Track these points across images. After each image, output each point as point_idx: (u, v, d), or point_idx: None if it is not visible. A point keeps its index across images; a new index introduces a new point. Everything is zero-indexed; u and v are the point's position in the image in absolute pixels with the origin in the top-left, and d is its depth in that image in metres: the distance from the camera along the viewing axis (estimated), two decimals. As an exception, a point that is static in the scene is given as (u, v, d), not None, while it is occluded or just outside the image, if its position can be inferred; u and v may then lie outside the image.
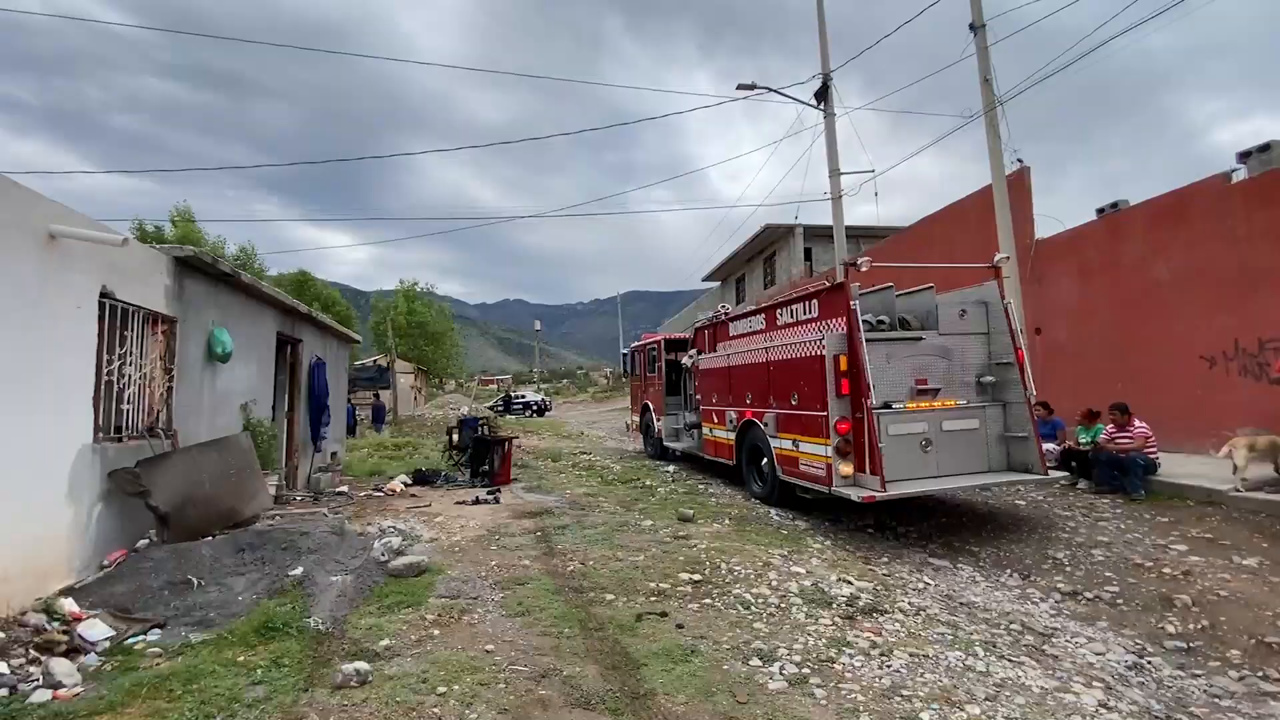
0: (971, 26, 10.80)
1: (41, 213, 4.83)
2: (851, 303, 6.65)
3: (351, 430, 24.26)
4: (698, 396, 11.06)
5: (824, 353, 6.82)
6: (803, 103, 14.21)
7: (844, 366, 6.70)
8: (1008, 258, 7.44)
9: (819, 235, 25.19)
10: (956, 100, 11.97)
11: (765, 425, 8.12)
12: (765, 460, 8.35)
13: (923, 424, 6.85)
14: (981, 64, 10.73)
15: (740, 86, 14.31)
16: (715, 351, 10.24)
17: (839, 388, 6.70)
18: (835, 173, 13.83)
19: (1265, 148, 8.94)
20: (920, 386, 6.95)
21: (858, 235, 22.27)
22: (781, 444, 7.84)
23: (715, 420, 10.03)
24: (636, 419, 15.53)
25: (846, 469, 6.69)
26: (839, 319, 6.92)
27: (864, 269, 6.82)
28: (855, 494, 6.40)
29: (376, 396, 28.32)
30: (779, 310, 8.36)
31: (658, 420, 13.57)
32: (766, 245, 29.07)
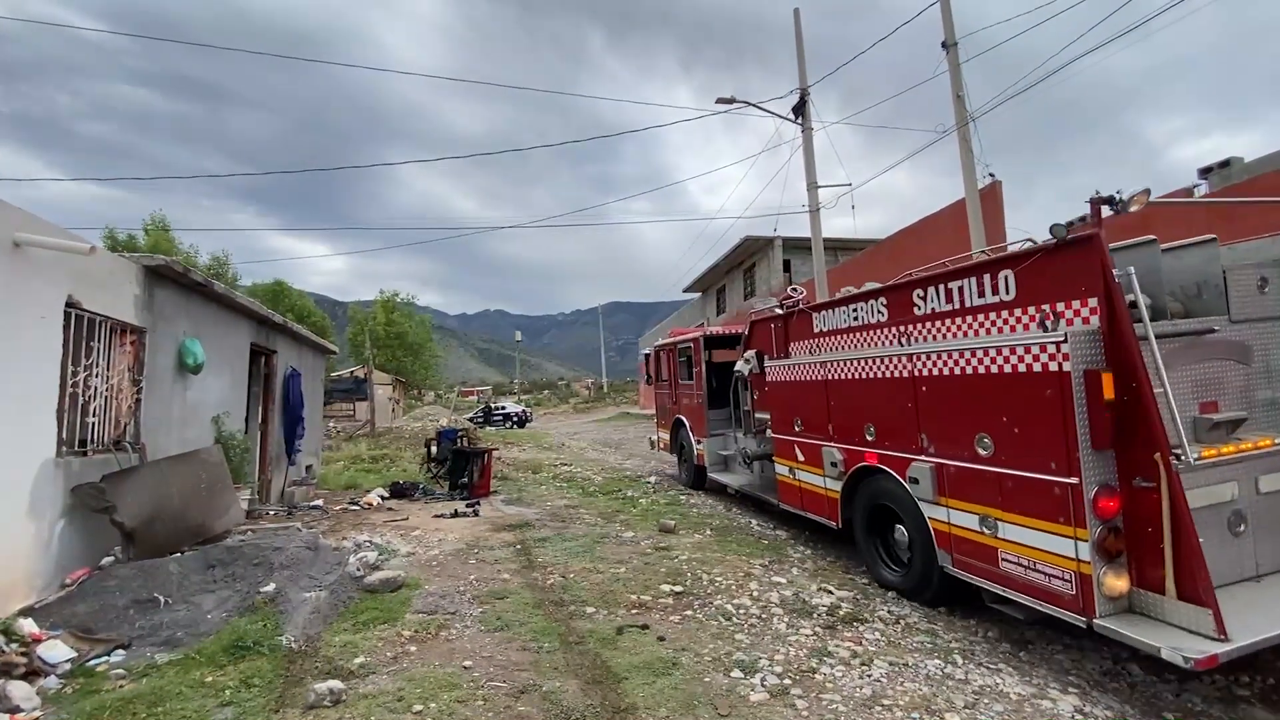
0: (944, 44, 11.05)
1: (5, 220, 4.71)
2: (1114, 274, 3.81)
3: None
4: (763, 417, 8.05)
5: (1061, 365, 3.83)
6: (781, 117, 14.41)
7: (1110, 393, 3.72)
8: None
9: (798, 247, 25.51)
10: (930, 116, 12.25)
11: (913, 482, 5.03)
12: (907, 534, 5.35)
13: (1230, 484, 3.97)
14: (954, 81, 10.98)
15: (720, 100, 14.47)
16: (789, 355, 7.15)
17: (1099, 431, 3.72)
18: (813, 186, 14.03)
19: (1225, 164, 9.26)
20: (1212, 416, 4.03)
21: (835, 247, 22.59)
22: (952, 518, 4.74)
23: (800, 458, 6.86)
24: (665, 436, 12.35)
25: (1119, 583, 3.72)
26: (1079, 302, 3.95)
27: (1134, 208, 3.98)
28: (1167, 648, 3.30)
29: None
30: (921, 291, 5.11)
31: (696, 442, 10.47)
32: (746, 257, 29.35)
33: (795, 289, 7.69)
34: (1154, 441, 3.60)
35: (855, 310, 5.96)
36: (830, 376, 6.27)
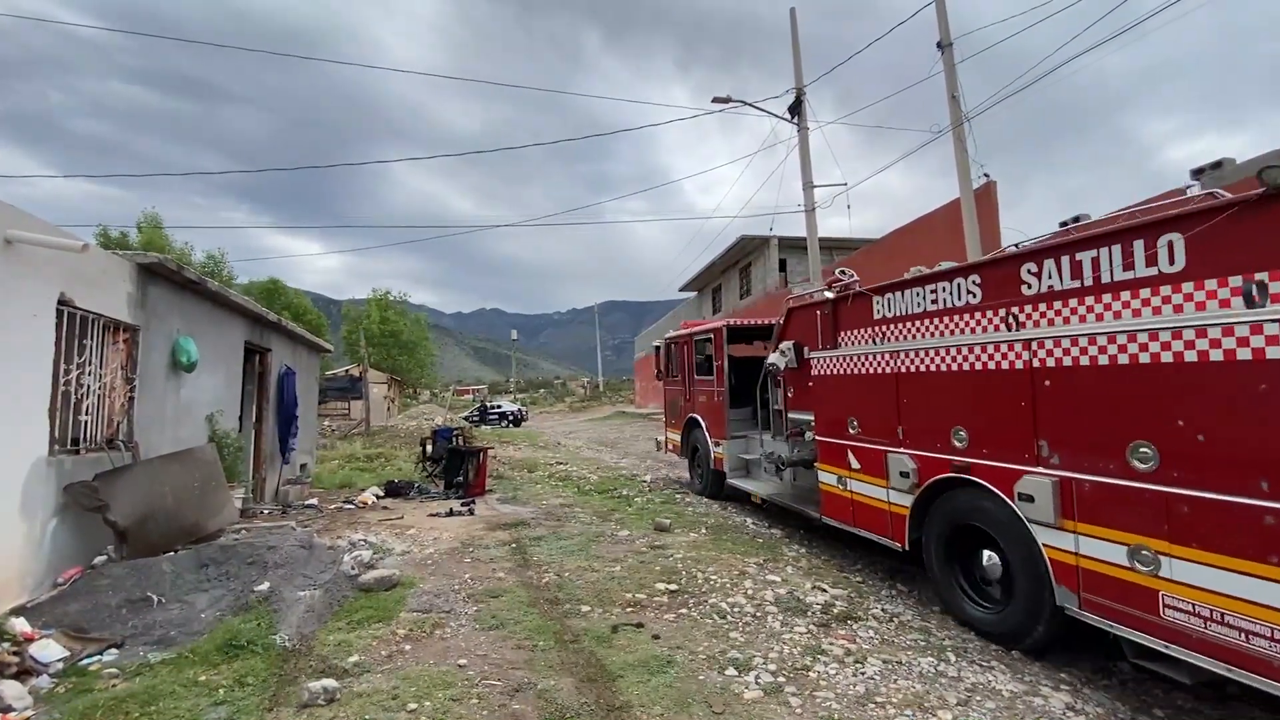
0: (939, 45, 11.09)
1: (-4, 217, 4.68)
2: None
3: None
4: (798, 418, 7.13)
5: None
6: (777, 116, 14.43)
7: None
8: None
9: (793, 246, 25.57)
10: (925, 116, 12.30)
11: (1025, 500, 4.11)
12: (1001, 562, 4.48)
13: None
14: (949, 81, 11.01)
15: (716, 100, 14.49)
16: (838, 346, 6.22)
17: None
18: (809, 185, 14.06)
19: (1217, 164, 9.29)
20: None
21: (831, 247, 22.65)
22: (1082, 546, 3.81)
23: (854, 466, 5.92)
24: (676, 437, 11.34)
25: None
26: None
27: None
28: None
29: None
30: (1033, 265, 4.23)
31: (715, 444, 9.54)
32: (742, 256, 29.40)
33: (845, 271, 6.52)
34: None
35: (934, 291, 5.06)
36: (901, 369, 5.30)
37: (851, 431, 5.95)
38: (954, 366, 4.78)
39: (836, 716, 3.35)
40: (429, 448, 12.42)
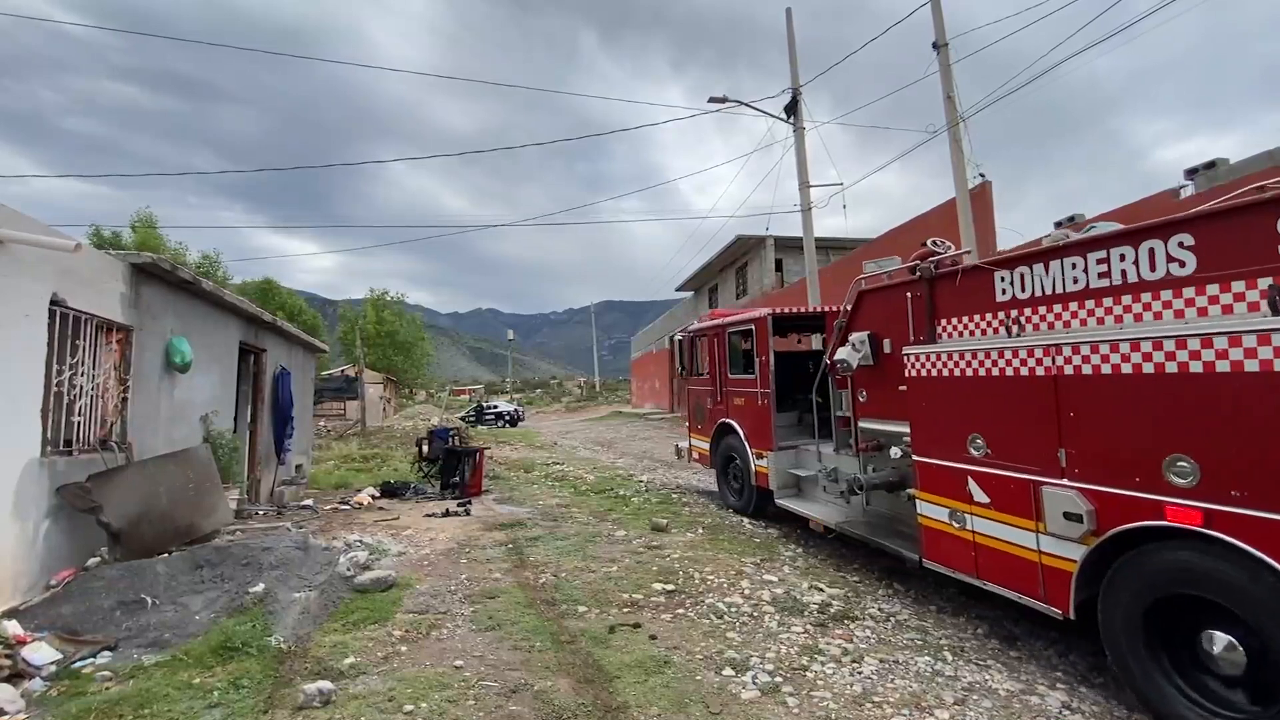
0: (934, 45, 11.11)
1: (-12, 217, 4.65)
2: None
3: None
4: (877, 428, 5.82)
5: None
6: (773, 116, 14.44)
7: None
8: None
9: (789, 246, 25.58)
10: (920, 117, 12.33)
11: None
12: (1248, 652, 3.07)
13: None
14: (944, 81, 11.03)
15: (712, 100, 14.49)
16: (938, 339, 4.95)
17: None
18: (805, 185, 14.07)
19: (1211, 165, 9.36)
20: None
21: (827, 246, 22.69)
22: None
23: (977, 498, 4.44)
24: (702, 444, 9.78)
25: None
26: None
27: None
28: None
29: None
30: None
31: (757, 456, 8.12)
32: (738, 256, 29.41)
33: (940, 241, 5.28)
34: None
35: (1103, 261, 3.71)
36: (1062, 370, 3.81)
37: (974, 453, 4.47)
38: (1168, 367, 3.28)
39: (834, 716, 3.35)
40: (425, 448, 12.39)
